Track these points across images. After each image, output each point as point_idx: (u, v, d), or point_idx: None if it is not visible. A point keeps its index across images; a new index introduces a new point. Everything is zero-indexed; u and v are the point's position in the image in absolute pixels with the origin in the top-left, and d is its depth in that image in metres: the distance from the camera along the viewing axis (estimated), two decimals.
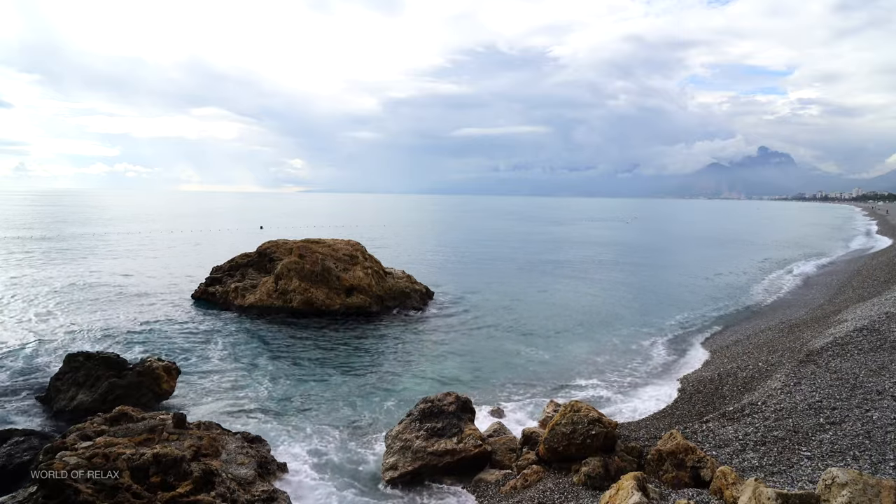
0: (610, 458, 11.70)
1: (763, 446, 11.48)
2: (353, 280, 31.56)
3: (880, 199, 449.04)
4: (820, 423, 12.07)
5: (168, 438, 12.24)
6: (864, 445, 10.72)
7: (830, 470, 7.56)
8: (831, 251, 67.19)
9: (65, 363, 18.46)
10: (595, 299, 36.31)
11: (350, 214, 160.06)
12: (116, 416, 13.28)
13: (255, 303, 31.07)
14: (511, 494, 11.92)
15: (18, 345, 23.61)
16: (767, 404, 13.91)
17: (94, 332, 25.99)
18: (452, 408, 14.70)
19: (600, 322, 30.04)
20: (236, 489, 11.30)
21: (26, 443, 13.08)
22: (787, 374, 16.25)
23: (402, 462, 13.68)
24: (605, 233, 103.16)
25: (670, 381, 20.27)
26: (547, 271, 48.97)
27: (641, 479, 9.54)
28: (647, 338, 26.81)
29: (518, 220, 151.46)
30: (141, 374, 17.92)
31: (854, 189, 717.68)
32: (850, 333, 19.37)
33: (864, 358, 16.39)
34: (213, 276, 34.86)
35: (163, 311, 30.23)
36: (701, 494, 9.77)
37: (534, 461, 12.87)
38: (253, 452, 13.10)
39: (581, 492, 11.04)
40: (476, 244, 75.45)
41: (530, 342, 25.93)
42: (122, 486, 10.17)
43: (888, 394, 13.14)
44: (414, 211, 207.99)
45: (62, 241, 66.51)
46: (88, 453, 10.76)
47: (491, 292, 37.91)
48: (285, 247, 33.62)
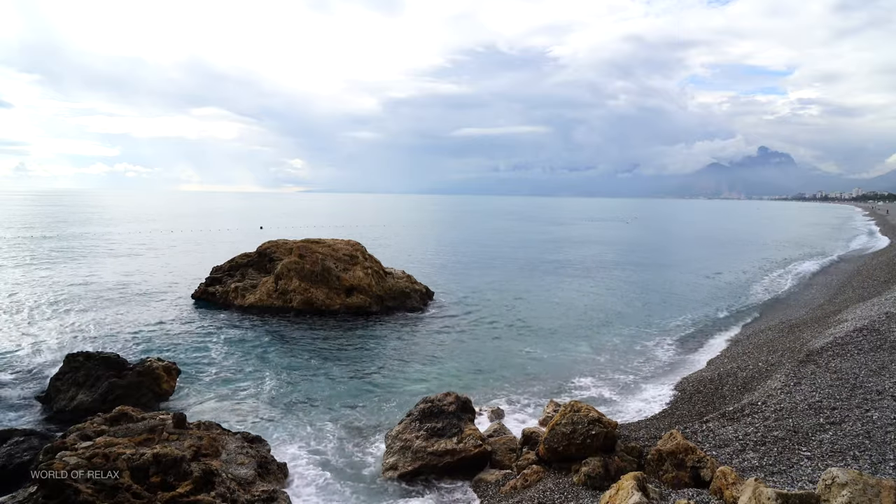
0: (610, 458, 11.69)
1: (763, 446, 11.48)
2: (353, 280, 31.56)
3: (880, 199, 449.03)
4: (820, 423, 12.07)
5: (168, 438, 12.24)
6: (864, 445, 10.72)
7: (830, 470, 7.56)
8: (831, 251, 67.18)
9: (65, 363, 18.47)
10: (595, 299, 36.31)
11: (350, 214, 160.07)
12: (116, 416, 13.29)
13: (255, 303, 31.08)
14: (511, 494, 11.92)
15: (18, 345, 23.61)
16: (767, 404, 13.91)
17: (94, 332, 25.99)
18: (452, 408, 14.70)
19: (600, 322, 30.04)
20: (236, 489, 11.30)
21: (26, 443, 13.08)
22: (787, 374, 16.25)
23: (402, 462, 13.69)
24: (605, 233, 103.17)
25: (670, 381, 20.26)
26: (547, 271, 48.97)
27: (641, 479, 9.54)
28: (647, 338, 26.81)
29: (518, 220, 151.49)
30: (141, 374, 17.93)
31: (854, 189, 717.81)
32: (850, 333, 19.37)
33: (864, 358, 16.39)
34: (213, 276, 34.86)
35: (163, 311, 30.24)
36: (701, 494, 9.77)
37: (534, 461, 12.86)
38: (253, 452, 13.10)
39: (581, 492, 11.04)
40: (476, 244, 75.47)
41: (530, 342, 25.92)
42: (122, 486, 10.17)
43: (888, 394, 13.14)
44: (414, 211, 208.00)
45: (62, 241, 66.52)
46: (88, 453, 10.77)
47: (491, 292, 37.91)
48: (285, 247, 33.62)
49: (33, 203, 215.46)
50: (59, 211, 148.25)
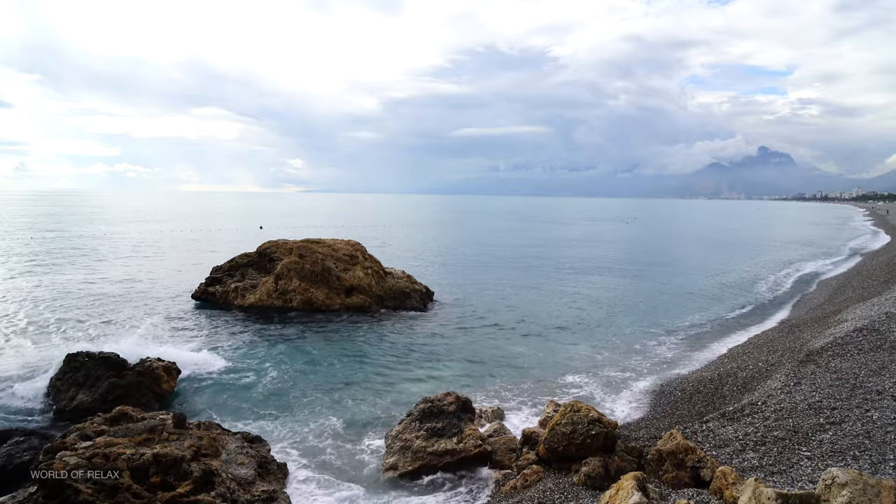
0: (610, 458, 11.69)
1: (763, 446, 11.48)
2: (353, 280, 31.56)
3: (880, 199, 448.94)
4: (820, 423, 12.07)
5: (168, 438, 12.24)
6: (864, 445, 10.72)
7: (830, 470, 7.56)
8: (831, 251, 67.19)
9: (65, 363, 18.47)
10: (596, 299, 36.30)
11: (350, 214, 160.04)
12: (116, 416, 13.29)
13: (255, 303, 31.08)
14: (511, 494, 11.92)
15: (18, 344, 23.61)
16: (767, 404, 13.91)
17: (94, 332, 26.00)
18: (452, 408, 14.70)
19: (601, 322, 30.04)
20: (236, 489, 11.30)
21: (26, 443, 13.07)
22: (787, 374, 16.25)
23: (402, 462, 13.69)
24: (605, 233, 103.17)
25: (670, 380, 20.26)
26: (547, 271, 48.96)
27: (641, 479, 9.53)
28: (647, 337, 26.81)
29: (518, 220, 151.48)
30: (141, 374, 17.93)
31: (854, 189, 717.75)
32: (850, 333, 19.37)
33: (864, 358, 16.40)
34: (213, 276, 34.85)
35: (163, 311, 30.24)
36: (701, 494, 9.77)
37: (534, 461, 12.86)
38: (253, 452, 13.10)
39: (581, 492, 11.04)
40: (476, 244, 75.47)
41: (531, 342, 25.92)
42: (122, 486, 10.17)
43: (888, 394, 13.14)
44: (414, 211, 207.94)
45: (63, 241, 66.51)
46: (88, 453, 10.76)
47: (491, 292, 37.91)
48: (285, 247, 33.63)
49: (34, 203, 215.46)
50: (60, 211, 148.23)
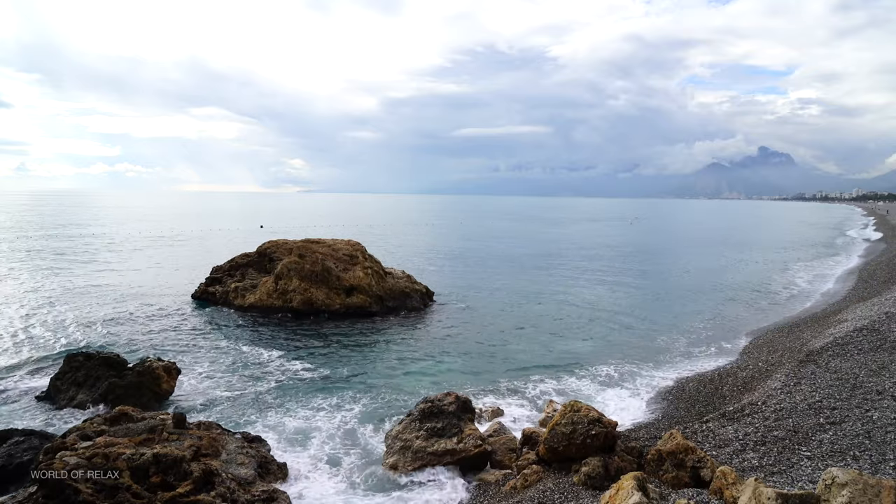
0: (610, 458, 11.69)
1: (763, 446, 11.48)
2: (353, 280, 31.55)
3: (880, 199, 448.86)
4: (820, 423, 12.07)
5: (168, 438, 12.23)
6: (864, 445, 10.72)
7: (830, 470, 7.56)
8: (831, 251, 67.22)
9: (65, 363, 18.48)
10: (596, 299, 36.28)
11: (350, 214, 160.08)
12: (116, 416, 13.29)
13: (256, 303, 31.07)
14: (511, 494, 11.91)
15: (18, 345, 23.62)
16: (767, 404, 13.91)
17: (94, 332, 25.99)
18: (452, 408, 14.69)
19: (601, 322, 30.01)
20: (236, 489, 11.29)
21: (26, 443, 13.07)
22: (787, 374, 16.25)
23: (402, 462, 13.68)
24: (606, 233, 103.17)
25: (670, 380, 20.25)
26: (547, 272, 48.96)
27: (641, 479, 9.53)
28: (648, 337, 26.79)
29: (518, 220, 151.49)
30: (141, 374, 17.92)
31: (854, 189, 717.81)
32: (850, 333, 19.38)
33: (864, 358, 16.39)
34: (213, 276, 34.86)
35: (163, 311, 30.23)
36: (701, 494, 9.77)
37: (534, 461, 12.86)
38: (253, 452, 13.09)
39: (581, 492, 11.03)
40: (476, 244, 75.47)
41: (531, 342, 25.91)
42: (122, 486, 10.17)
43: (888, 394, 13.14)
44: (414, 211, 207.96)
45: (63, 241, 66.55)
46: (88, 453, 10.77)
47: (491, 292, 37.91)
48: (285, 247, 33.62)
49: (34, 203, 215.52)
50: (61, 211, 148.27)
